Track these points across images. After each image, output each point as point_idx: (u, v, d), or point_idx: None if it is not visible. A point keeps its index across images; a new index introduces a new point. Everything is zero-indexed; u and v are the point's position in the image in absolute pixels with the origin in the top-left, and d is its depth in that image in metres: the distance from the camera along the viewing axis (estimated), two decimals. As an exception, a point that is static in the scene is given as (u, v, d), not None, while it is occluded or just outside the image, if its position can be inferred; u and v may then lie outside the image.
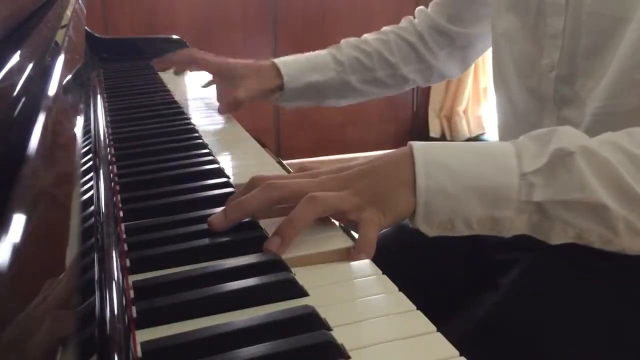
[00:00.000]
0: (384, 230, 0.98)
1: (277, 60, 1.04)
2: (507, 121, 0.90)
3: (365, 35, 1.09)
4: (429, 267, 0.85)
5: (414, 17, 1.10)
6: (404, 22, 1.09)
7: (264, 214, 0.59)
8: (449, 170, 0.56)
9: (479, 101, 3.15)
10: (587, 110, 0.72)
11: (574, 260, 0.70)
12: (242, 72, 1.03)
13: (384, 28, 1.09)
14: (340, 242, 0.57)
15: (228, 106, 1.04)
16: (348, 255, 0.55)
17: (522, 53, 0.81)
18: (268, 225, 0.58)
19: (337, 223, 0.60)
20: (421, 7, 1.09)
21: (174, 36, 1.48)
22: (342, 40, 1.08)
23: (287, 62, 1.04)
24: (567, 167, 0.55)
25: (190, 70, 1.25)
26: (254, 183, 0.59)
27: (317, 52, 1.07)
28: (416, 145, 0.58)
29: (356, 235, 0.57)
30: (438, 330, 0.44)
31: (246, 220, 0.58)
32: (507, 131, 0.90)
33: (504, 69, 0.86)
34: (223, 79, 1.10)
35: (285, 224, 0.55)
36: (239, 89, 1.02)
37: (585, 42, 0.71)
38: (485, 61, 3.12)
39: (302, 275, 0.50)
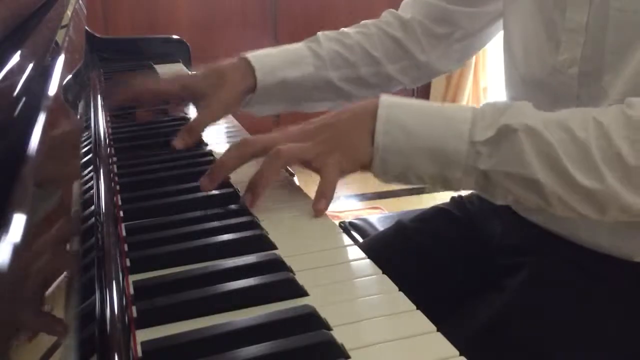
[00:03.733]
0: (385, 229, 0.98)
1: (248, 55, 0.87)
2: None
3: (345, 29, 0.95)
4: (430, 267, 0.85)
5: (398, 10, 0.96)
6: (387, 15, 0.96)
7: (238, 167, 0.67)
8: (406, 130, 0.62)
9: (479, 101, 3.14)
10: (606, 103, 0.68)
11: (580, 265, 0.70)
12: (201, 89, 0.84)
13: (365, 22, 0.96)
14: (341, 242, 0.57)
15: (182, 140, 0.79)
16: (346, 255, 0.55)
17: (536, 47, 0.77)
18: (269, 223, 0.58)
19: (337, 223, 0.60)
20: None
21: (175, 36, 1.48)
22: (319, 33, 0.93)
23: (259, 56, 0.87)
24: (510, 143, 0.59)
25: (144, 106, 1.02)
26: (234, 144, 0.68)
27: (293, 45, 0.92)
28: (383, 102, 0.63)
29: (357, 236, 0.57)
30: (439, 331, 0.44)
31: (246, 220, 0.59)
32: None
33: (515, 64, 0.81)
34: (179, 102, 0.95)
35: (254, 179, 0.64)
36: (197, 114, 0.85)
37: (613, 38, 0.67)
38: (486, 60, 3.12)
39: (302, 275, 0.50)
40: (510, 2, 0.81)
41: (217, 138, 0.91)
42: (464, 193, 0.91)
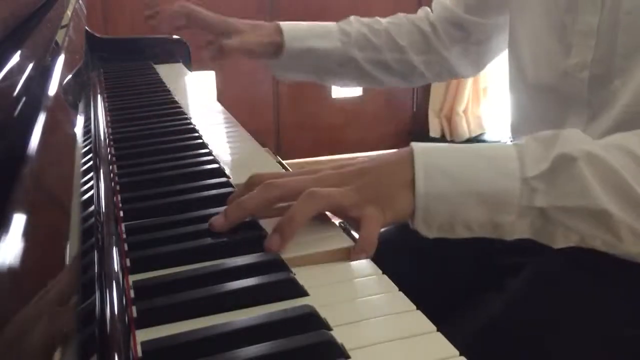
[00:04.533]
0: (385, 228, 0.98)
1: (280, 22, 0.98)
2: (522, 123, 0.86)
3: (378, 17, 1.02)
4: (430, 267, 0.85)
5: (431, 10, 1.03)
6: (420, 12, 1.02)
7: (264, 213, 0.59)
8: (449, 175, 0.56)
9: (479, 101, 3.14)
10: (617, 109, 0.69)
11: (582, 264, 0.70)
12: (237, 27, 0.97)
13: (399, 14, 1.03)
14: (340, 242, 0.57)
15: (214, 51, 0.95)
16: (348, 254, 0.55)
17: (545, 52, 0.77)
18: (269, 223, 0.58)
19: (337, 223, 0.60)
20: None
21: (175, 36, 1.48)
22: (352, 17, 1.02)
23: (290, 24, 0.98)
24: (569, 173, 0.54)
25: (183, 29, 1.09)
26: (253, 181, 0.59)
27: (323, 22, 1.01)
28: (417, 147, 0.57)
29: (357, 235, 0.57)
30: (438, 331, 0.44)
31: (246, 220, 0.58)
32: (521, 133, 0.87)
33: (522, 68, 0.81)
34: (217, 34, 1.00)
35: (284, 221, 0.55)
36: (232, 39, 0.96)
37: (624, 41, 0.67)
38: (485, 61, 3.11)
39: (302, 275, 0.50)
40: (518, 9, 0.81)
41: (217, 139, 0.91)
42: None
